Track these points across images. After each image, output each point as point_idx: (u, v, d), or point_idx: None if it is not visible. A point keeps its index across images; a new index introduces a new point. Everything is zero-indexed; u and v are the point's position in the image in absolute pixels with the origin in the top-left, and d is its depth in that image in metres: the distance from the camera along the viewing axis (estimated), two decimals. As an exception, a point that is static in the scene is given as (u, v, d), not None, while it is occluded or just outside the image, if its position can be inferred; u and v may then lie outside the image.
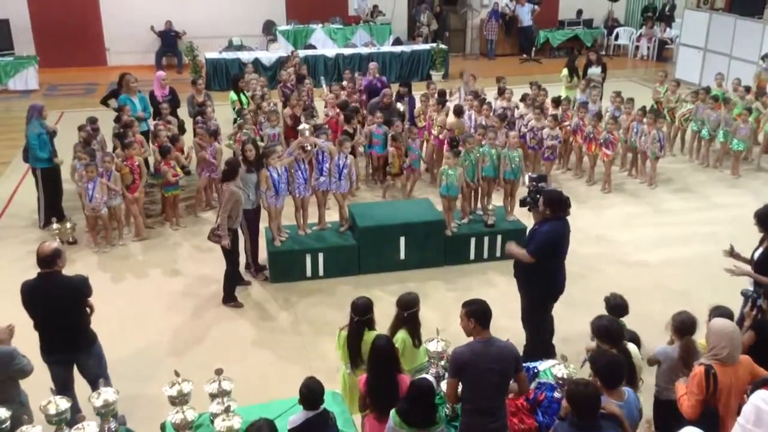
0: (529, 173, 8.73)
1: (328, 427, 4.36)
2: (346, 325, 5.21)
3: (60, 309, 5.26)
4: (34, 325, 5.29)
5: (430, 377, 4.61)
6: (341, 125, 10.42)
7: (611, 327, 4.72)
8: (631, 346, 4.90)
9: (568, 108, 11.32)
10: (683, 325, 4.77)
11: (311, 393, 4.29)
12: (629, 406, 4.19)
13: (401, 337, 5.18)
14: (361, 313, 5.08)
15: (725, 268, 6.00)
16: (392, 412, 4.40)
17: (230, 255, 7.45)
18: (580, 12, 21.14)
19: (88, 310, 5.43)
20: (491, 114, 10.61)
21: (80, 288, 5.35)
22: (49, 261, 5.23)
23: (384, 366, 4.61)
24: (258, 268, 8.21)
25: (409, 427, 4.29)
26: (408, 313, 5.19)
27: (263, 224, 8.28)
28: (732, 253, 6.19)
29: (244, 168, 7.68)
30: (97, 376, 5.11)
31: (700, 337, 4.82)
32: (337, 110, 10.80)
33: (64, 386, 5.27)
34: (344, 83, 12.20)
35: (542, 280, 6.07)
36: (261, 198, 7.94)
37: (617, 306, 5.24)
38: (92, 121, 9.67)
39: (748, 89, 12.16)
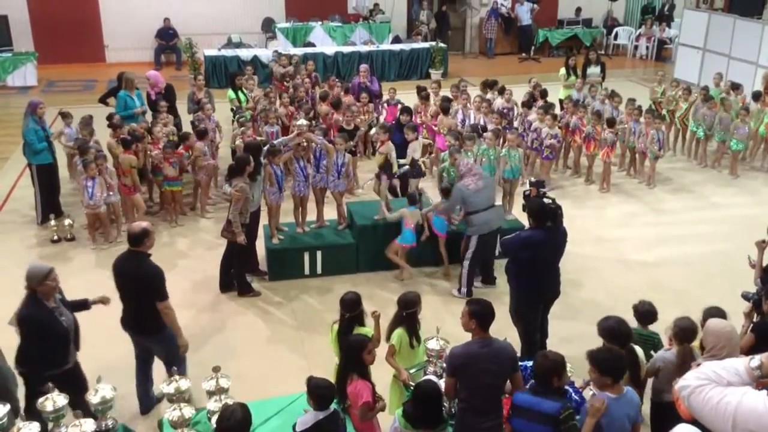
0: (530, 177, 8.78)
1: (339, 429, 4.26)
2: (338, 320, 5.24)
3: (129, 290, 5.45)
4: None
5: (434, 378, 4.60)
6: (335, 123, 10.40)
7: (618, 328, 4.71)
8: (638, 349, 4.89)
9: (569, 107, 11.27)
10: (683, 332, 4.73)
11: (322, 391, 4.20)
12: (627, 401, 4.20)
13: (398, 333, 5.19)
14: (350, 308, 5.10)
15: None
16: (397, 412, 4.42)
17: (242, 250, 7.47)
18: (579, 11, 21.15)
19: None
20: (490, 113, 10.61)
21: (148, 277, 5.41)
22: (136, 239, 5.38)
23: (345, 361, 4.67)
24: (257, 271, 8.15)
25: (414, 428, 4.29)
26: (407, 312, 5.20)
27: (262, 222, 8.25)
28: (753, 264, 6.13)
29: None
30: (167, 363, 5.30)
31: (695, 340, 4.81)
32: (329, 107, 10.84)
33: (140, 356, 5.71)
34: (337, 81, 12.24)
35: (520, 282, 6.12)
36: (265, 194, 7.91)
37: (646, 313, 5.22)
38: (86, 123, 9.65)
39: (735, 87, 12.29)
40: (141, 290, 5.42)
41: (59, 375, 4.89)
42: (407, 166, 8.73)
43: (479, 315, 4.46)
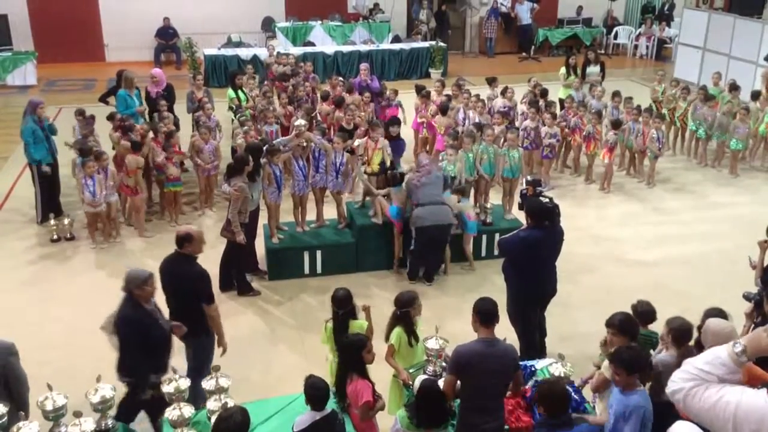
0: (527, 176, 8.79)
1: (336, 429, 4.26)
2: (330, 318, 5.28)
3: (175, 290, 5.50)
4: None
5: (433, 377, 4.60)
6: (336, 121, 10.40)
7: (626, 320, 4.71)
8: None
9: (571, 106, 11.28)
10: (679, 332, 4.68)
11: (316, 391, 4.21)
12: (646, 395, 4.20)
13: (397, 333, 5.21)
14: (344, 305, 5.14)
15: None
16: (399, 412, 4.42)
17: (240, 249, 7.48)
18: (579, 10, 21.14)
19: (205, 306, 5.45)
20: (485, 111, 10.61)
21: (191, 279, 5.43)
22: (178, 242, 5.51)
23: (344, 361, 4.64)
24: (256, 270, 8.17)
25: (417, 428, 4.29)
26: (401, 311, 5.21)
27: (262, 221, 8.26)
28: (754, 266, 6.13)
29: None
30: (191, 368, 5.31)
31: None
32: (333, 106, 10.82)
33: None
34: (340, 80, 12.23)
35: (518, 281, 6.11)
36: (264, 194, 7.93)
37: (644, 313, 5.20)
38: (86, 122, 9.64)
39: (735, 87, 12.23)
40: (185, 291, 5.43)
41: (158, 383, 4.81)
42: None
43: (480, 311, 4.47)
